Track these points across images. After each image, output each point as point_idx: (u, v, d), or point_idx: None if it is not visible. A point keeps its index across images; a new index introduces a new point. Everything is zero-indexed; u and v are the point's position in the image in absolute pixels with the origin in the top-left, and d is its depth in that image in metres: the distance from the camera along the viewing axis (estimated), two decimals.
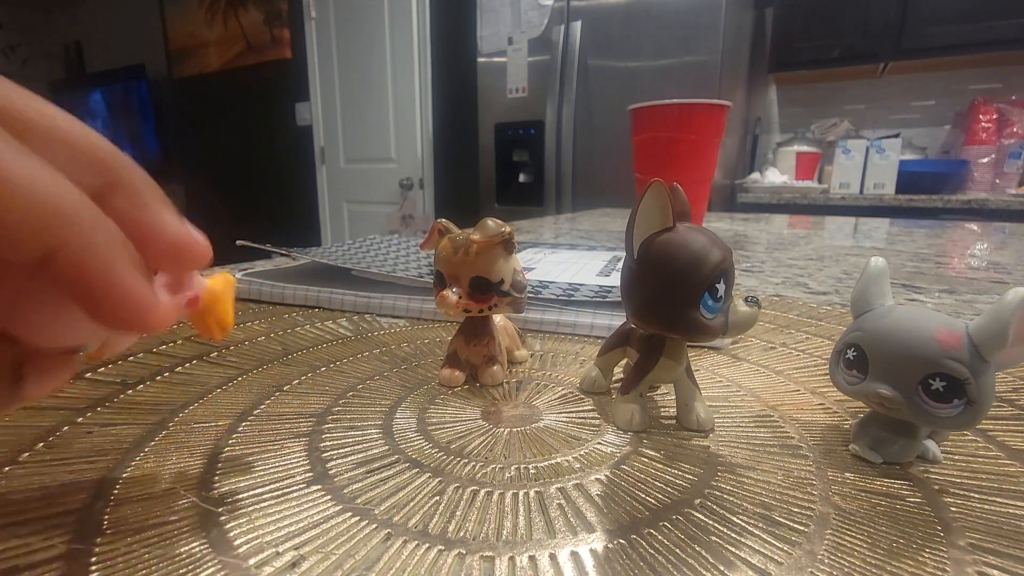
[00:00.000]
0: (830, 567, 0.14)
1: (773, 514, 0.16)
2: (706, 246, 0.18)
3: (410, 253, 0.48)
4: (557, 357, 0.30)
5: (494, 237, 0.22)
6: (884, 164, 1.84)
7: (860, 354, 0.18)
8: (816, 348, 0.31)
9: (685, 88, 1.65)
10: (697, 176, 0.64)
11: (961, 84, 1.98)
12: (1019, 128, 1.86)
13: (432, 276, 0.25)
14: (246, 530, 0.15)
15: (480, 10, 1.99)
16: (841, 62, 1.90)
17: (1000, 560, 0.14)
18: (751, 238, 0.83)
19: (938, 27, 1.74)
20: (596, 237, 0.81)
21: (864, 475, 0.18)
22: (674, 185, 0.20)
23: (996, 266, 0.59)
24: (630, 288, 0.20)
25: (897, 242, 0.79)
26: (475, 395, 0.25)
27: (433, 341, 0.32)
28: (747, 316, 0.19)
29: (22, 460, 0.18)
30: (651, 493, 0.17)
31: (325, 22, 2.71)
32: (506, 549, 0.15)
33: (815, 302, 0.42)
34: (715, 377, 0.27)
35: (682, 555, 0.14)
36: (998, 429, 0.21)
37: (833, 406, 0.23)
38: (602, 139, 1.85)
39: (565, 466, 0.19)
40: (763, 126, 2.29)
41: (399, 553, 0.14)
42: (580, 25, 1.80)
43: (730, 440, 0.21)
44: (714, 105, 0.61)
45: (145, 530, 0.15)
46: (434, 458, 0.19)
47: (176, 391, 0.24)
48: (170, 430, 0.21)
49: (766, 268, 0.57)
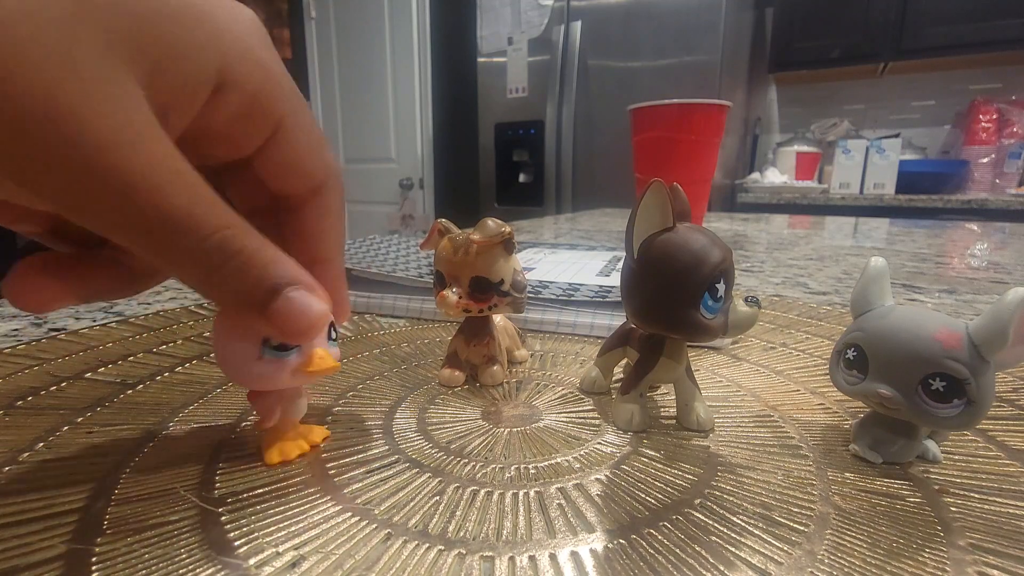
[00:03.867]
0: (830, 567, 0.14)
1: (773, 514, 0.16)
2: (706, 246, 0.18)
3: (410, 253, 0.48)
4: (557, 357, 0.30)
5: (494, 237, 0.22)
6: (884, 164, 1.84)
7: (860, 354, 0.18)
8: (816, 348, 0.31)
9: (685, 88, 1.65)
10: (697, 176, 0.64)
11: (961, 84, 1.98)
12: (1019, 128, 1.86)
13: (432, 276, 0.25)
14: (246, 530, 0.15)
15: (480, 10, 1.99)
16: (841, 62, 1.91)
17: (1000, 560, 0.14)
18: (751, 238, 0.83)
19: (938, 27, 1.74)
20: (596, 237, 0.81)
21: (864, 475, 0.18)
22: (674, 185, 0.20)
23: (996, 266, 0.59)
24: (630, 288, 0.20)
25: (897, 242, 0.79)
26: (475, 395, 0.25)
27: (433, 341, 0.32)
28: (747, 316, 0.19)
29: (22, 460, 0.18)
30: (651, 493, 0.17)
31: (325, 22, 2.70)
32: (506, 549, 0.15)
33: (815, 302, 0.42)
34: (715, 377, 0.27)
35: (682, 555, 0.14)
36: (998, 429, 0.21)
37: (833, 406, 0.23)
38: (602, 139, 1.85)
39: (565, 466, 0.19)
40: (763, 126, 2.29)
41: (399, 553, 0.14)
42: (580, 25, 1.80)
43: (730, 440, 0.21)
44: (714, 105, 0.61)
45: (145, 530, 0.15)
46: (434, 458, 0.19)
47: (176, 391, 0.24)
48: (170, 430, 0.21)
49: (766, 268, 0.57)
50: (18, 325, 0.34)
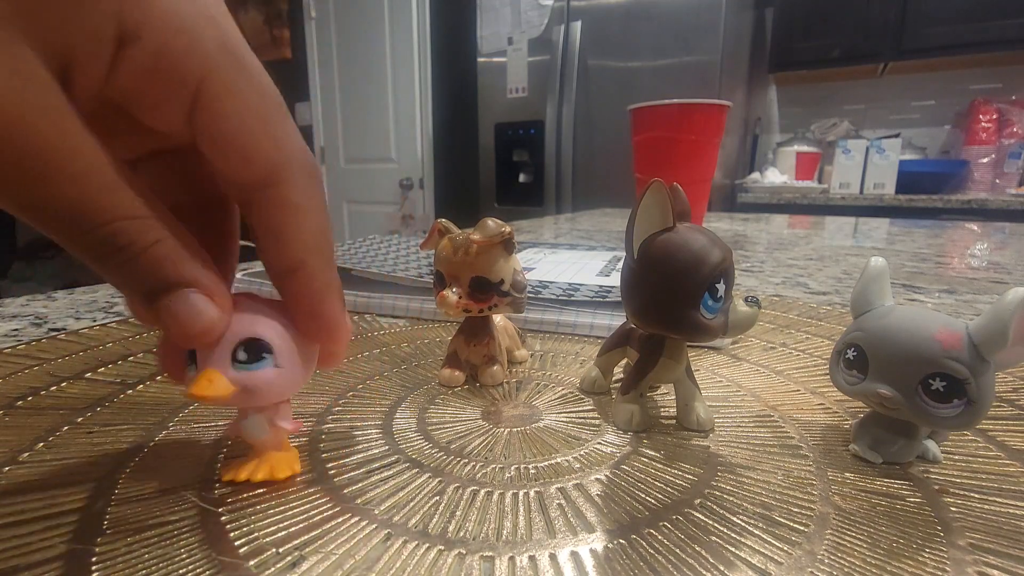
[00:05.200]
0: (830, 567, 0.14)
1: (773, 514, 0.16)
2: (706, 246, 0.18)
3: (410, 253, 0.48)
4: (557, 357, 0.30)
5: (494, 237, 0.22)
6: (884, 164, 1.84)
7: (860, 354, 0.18)
8: (816, 348, 0.31)
9: (685, 88, 1.65)
10: (697, 176, 0.64)
11: (961, 84, 1.98)
12: (1019, 128, 1.86)
13: (432, 276, 0.25)
14: (246, 530, 0.15)
15: (480, 10, 1.98)
16: (841, 62, 1.91)
17: (1000, 560, 0.14)
18: (751, 238, 0.83)
19: (938, 27, 1.74)
20: (596, 237, 0.81)
21: (864, 475, 0.18)
22: (674, 185, 0.20)
23: (996, 266, 0.59)
24: (630, 288, 0.20)
25: (897, 242, 0.79)
26: (475, 395, 0.25)
27: (433, 341, 0.32)
28: (747, 316, 0.19)
29: (22, 460, 0.18)
30: (651, 493, 0.17)
31: (325, 22, 2.70)
32: (506, 549, 0.15)
33: (815, 302, 0.42)
34: (715, 377, 0.27)
35: (682, 555, 0.14)
36: (998, 429, 0.21)
37: (833, 406, 0.23)
38: (602, 139, 1.85)
39: (565, 466, 0.19)
40: (763, 126, 2.29)
41: (399, 553, 0.14)
42: (580, 25, 1.80)
43: (730, 440, 0.21)
44: (714, 105, 0.61)
45: (145, 530, 0.15)
46: (434, 458, 0.19)
47: (176, 391, 0.24)
48: (170, 430, 0.21)
49: (766, 268, 0.57)
50: (18, 325, 0.34)
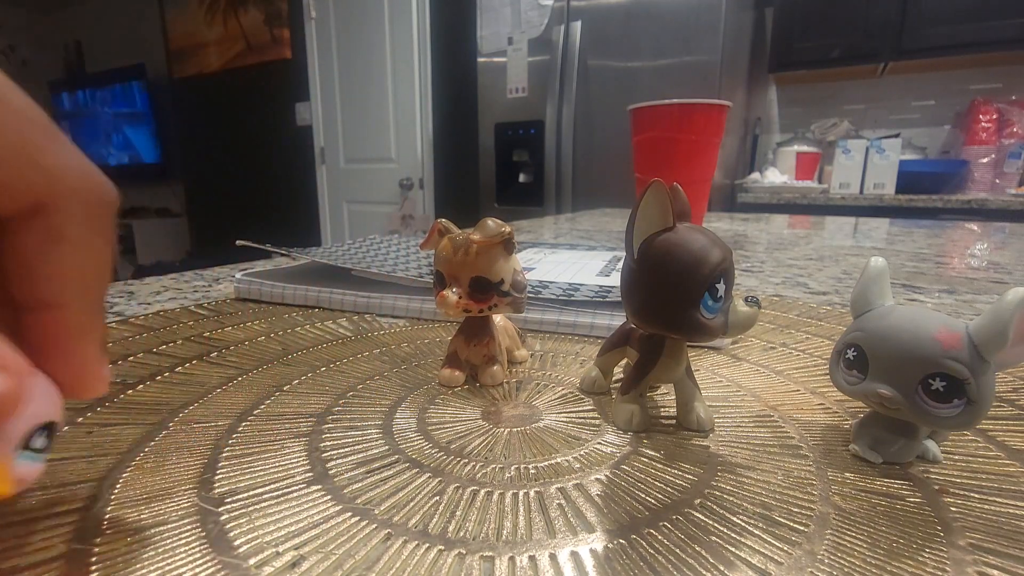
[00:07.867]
0: (830, 567, 0.14)
1: (773, 514, 0.16)
2: (706, 246, 0.18)
3: (410, 253, 0.48)
4: (557, 357, 0.30)
5: (494, 237, 0.22)
6: (884, 164, 1.84)
7: (860, 354, 0.18)
8: (816, 348, 0.31)
9: (685, 88, 1.65)
10: (697, 176, 0.64)
11: (961, 84, 1.98)
12: (1019, 128, 1.86)
13: (432, 276, 0.25)
14: (246, 530, 0.15)
15: (480, 10, 1.98)
16: (841, 62, 1.90)
17: (1000, 560, 0.14)
18: (751, 238, 0.83)
19: (938, 27, 1.74)
20: (596, 237, 0.81)
21: (864, 475, 0.18)
22: (674, 185, 0.20)
23: (996, 266, 0.59)
24: (630, 288, 0.20)
25: (897, 242, 0.79)
26: (475, 395, 0.25)
27: (433, 341, 0.32)
28: (747, 316, 0.19)
29: None
30: (651, 493, 0.17)
31: (325, 22, 2.71)
32: (506, 549, 0.15)
33: (815, 302, 0.42)
34: (715, 377, 0.27)
35: (682, 555, 0.14)
36: (998, 429, 0.21)
37: (833, 406, 0.23)
38: (602, 139, 1.85)
39: (565, 466, 0.19)
40: (763, 126, 2.29)
41: (399, 553, 0.14)
42: (580, 25, 1.80)
43: (730, 440, 0.21)
44: (714, 105, 0.61)
45: (145, 530, 0.15)
46: (434, 458, 0.19)
47: (176, 391, 0.24)
48: (170, 430, 0.21)
49: (766, 268, 0.57)
50: None
